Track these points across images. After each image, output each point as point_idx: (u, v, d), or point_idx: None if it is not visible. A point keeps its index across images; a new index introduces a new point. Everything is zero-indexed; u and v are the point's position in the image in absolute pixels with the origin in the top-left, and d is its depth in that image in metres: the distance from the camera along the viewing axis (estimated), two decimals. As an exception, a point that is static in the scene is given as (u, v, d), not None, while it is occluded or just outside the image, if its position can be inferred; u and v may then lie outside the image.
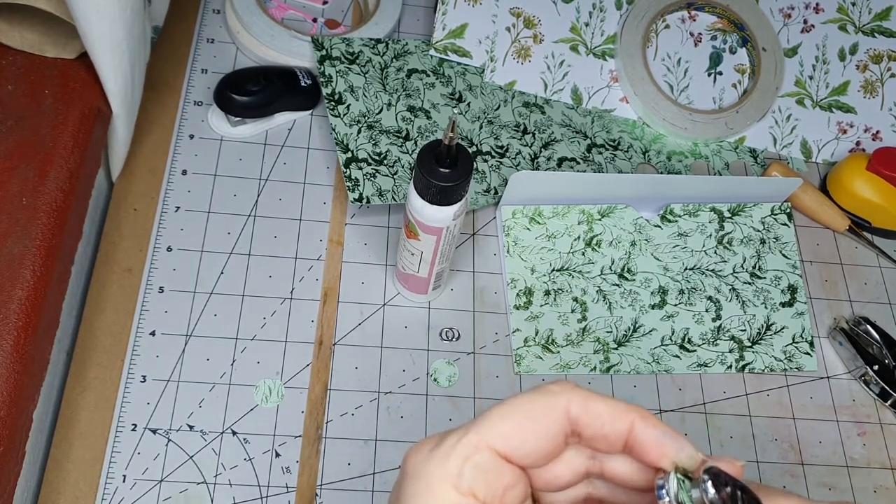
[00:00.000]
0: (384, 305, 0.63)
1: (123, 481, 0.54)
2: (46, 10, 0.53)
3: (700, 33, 0.78)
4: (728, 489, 0.26)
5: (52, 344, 0.53)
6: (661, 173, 0.72)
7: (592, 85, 0.75)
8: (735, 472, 0.27)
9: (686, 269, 0.67)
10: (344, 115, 0.68)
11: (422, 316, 0.63)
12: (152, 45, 0.65)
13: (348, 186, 0.64)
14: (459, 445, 0.27)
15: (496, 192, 0.68)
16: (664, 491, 0.27)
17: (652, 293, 0.65)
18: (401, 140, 0.68)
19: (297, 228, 0.65)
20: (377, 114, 0.69)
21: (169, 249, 0.62)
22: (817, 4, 0.79)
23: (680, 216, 0.68)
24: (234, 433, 0.56)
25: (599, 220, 0.67)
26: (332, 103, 0.68)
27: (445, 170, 0.49)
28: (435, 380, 0.60)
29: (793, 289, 0.67)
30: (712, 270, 0.67)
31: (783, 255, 0.68)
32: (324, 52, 0.70)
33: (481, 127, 0.71)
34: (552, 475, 0.30)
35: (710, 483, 0.26)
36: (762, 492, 0.28)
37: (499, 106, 0.72)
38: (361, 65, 0.71)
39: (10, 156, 0.52)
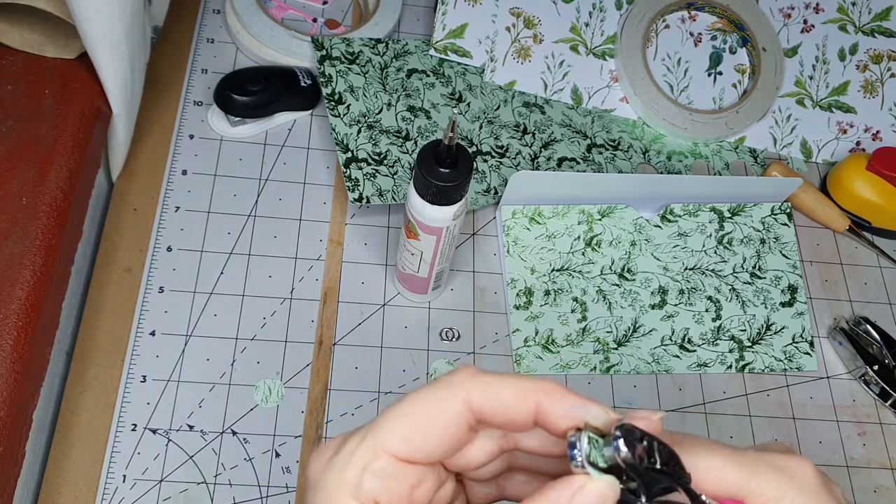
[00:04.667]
0: (384, 305, 0.63)
1: (123, 481, 0.54)
2: (46, 10, 0.53)
3: (700, 33, 0.78)
4: (644, 444, 0.25)
5: (51, 344, 0.53)
6: (661, 173, 0.72)
7: (592, 85, 0.75)
8: (652, 427, 0.26)
9: (686, 269, 0.67)
10: (344, 115, 0.68)
11: (422, 316, 0.63)
12: (152, 45, 0.65)
13: (348, 186, 0.64)
14: (357, 453, 0.27)
15: (496, 192, 0.68)
16: (576, 451, 0.26)
17: (652, 293, 0.65)
18: (401, 140, 0.68)
19: (297, 228, 0.65)
20: (377, 114, 0.69)
21: (169, 249, 0.62)
22: (817, 4, 0.79)
23: (680, 216, 0.68)
24: (234, 433, 0.56)
25: (599, 220, 0.67)
26: (332, 103, 0.68)
27: (445, 170, 0.49)
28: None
29: (793, 289, 0.67)
30: (712, 270, 0.67)
31: (783, 255, 0.68)
32: (324, 52, 0.70)
33: (481, 127, 0.71)
34: (465, 460, 0.29)
35: (621, 441, 0.25)
36: (685, 443, 0.27)
37: (499, 106, 0.72)
38: (361, 65, 0.71)
39: (10, 156, 0.52)
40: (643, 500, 0.25)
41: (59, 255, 0.52)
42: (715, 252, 0.68)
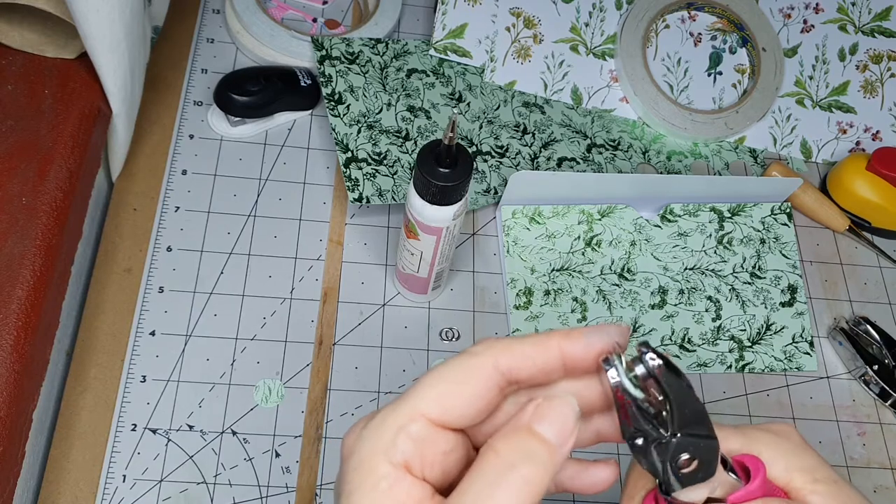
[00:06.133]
0: (384, 305, 0.63)
1: (123, 481, 0.54)
2: (46, 10, 0.53)
3: (700, 33, 0.78)
4: (666, 358, 0.28)
5: (51, 344, 0.53)
6: (661, 173, 0.72)
7: (592, 85, 0.75)
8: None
9: (686, 268, 0.67)
10: (344, 115, 0.68)
11: (422, 316, 0.63)
12: (152, 45, 0.65)
13: (348, 186, 0.64)
14: (392, 416, 0.27)
15: (496, 192, 0.68)
16: (613, 370, 0.28)
17: (652, 293, 0.65)
18: (401, 140, 0.68)
19: (297, 228, 0.65)
20: (377, 114, 0.69)
21: (169, 249, 0.62)
22: (817, 4, 0.79)
23: (680, 216, 0.68)
24: (234, 433, 0.56)
25: (599, 220, 0.67)
26: (332, 103, 0.68)
27: (445, 170, 0.49)
28: (435, 380, 0.60)
29: (793, 289, 0.67)
30: (712, 270, 0.67)
31: (783, 255, 0.68)
32: (324, 52, 0.70)
33: (481, 127, 0.71)
34: (493, 428, 0.30)
35: (649, 354, 0.28)
36: None
37: (499, 106, 0.72)
38: (361, 65, 0.71)
39: (10, 156, 0.52)
40: (671, 430, 0.28)
41: (59, 255, 0.52)
42: (715, 252, 0.68)
